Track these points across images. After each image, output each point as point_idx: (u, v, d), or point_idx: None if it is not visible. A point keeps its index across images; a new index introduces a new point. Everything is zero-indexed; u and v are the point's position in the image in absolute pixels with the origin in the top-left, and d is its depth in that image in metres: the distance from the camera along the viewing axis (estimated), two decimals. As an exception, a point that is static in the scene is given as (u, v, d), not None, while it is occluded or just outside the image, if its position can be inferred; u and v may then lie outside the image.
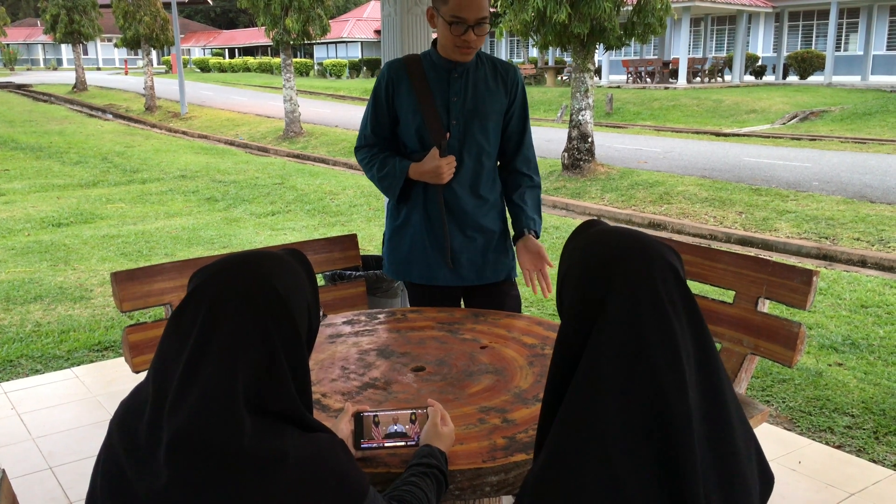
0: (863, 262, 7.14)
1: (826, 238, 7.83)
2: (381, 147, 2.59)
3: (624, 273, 1.10)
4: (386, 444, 1.54)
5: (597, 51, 11.30)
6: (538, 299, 5.30)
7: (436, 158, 2.47)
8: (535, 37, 11.34)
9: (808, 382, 3.89)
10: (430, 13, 2.46)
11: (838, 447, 3.24)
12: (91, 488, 1.21)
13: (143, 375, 3.72)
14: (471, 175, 2.56)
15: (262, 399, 1.12)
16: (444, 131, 2.50)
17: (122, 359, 4.17)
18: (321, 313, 1.38)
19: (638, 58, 30.93)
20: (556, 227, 8.07)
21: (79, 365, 4.15)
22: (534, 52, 35.40)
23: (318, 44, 45.69)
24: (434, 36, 2.66)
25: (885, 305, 5.27)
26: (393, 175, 2.54)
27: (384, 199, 4.23)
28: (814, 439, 3.30)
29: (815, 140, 15.45)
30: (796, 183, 10.39)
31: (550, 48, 11.87)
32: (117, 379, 3.87)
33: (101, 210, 9.26)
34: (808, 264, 6.95)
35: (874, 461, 3.10)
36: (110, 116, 24.44)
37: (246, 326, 1.12)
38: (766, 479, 1.12)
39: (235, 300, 1.14)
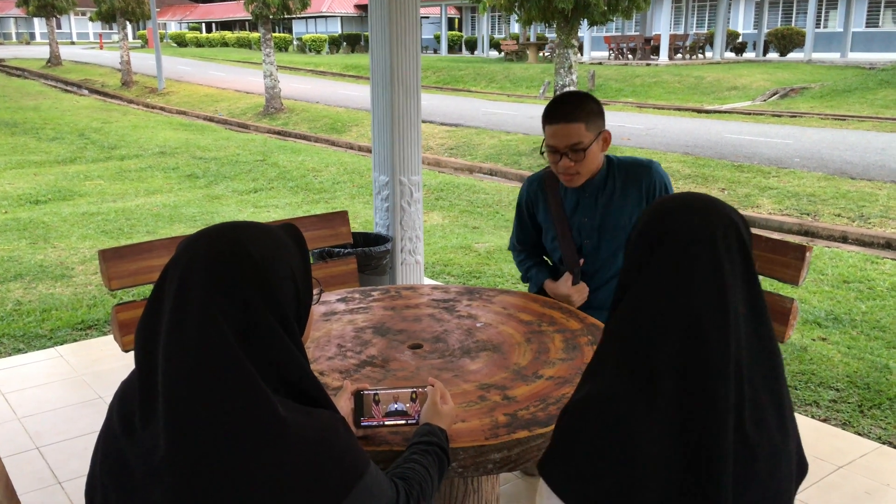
0: (844, 238, 7.21)
1: (808, 214, 7.90)
2: (528, 253, 2.75)
3: (684, 217, 1.12)
4: (386, 423, 1.52)
5: (580, 26, 11.24)
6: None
7: (568, 286, 2.53)
8: (518, 11, 11.26)
9: (793, 357, 3.93)
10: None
11: (824, 420, 3.27)
12: (91, 471, 1.18)
13: (132, 354, 3.66)
14: (607, 293, 2.54)
15: (257, 361, 1.09)
16: (578, 258, 2.54)
17: (107, 337, 4.13)
18: (319, 289, 1.35)
19: (620, 34, 30.87)
20: (540, 204, 8.06)
21: (62, 344, 4.09)
22: (515, 28, 35.19)
23: (297, 18, 45.07)
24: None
25: (866, 281, 5.33)
26: (531, 283, 2.72)
27: (371, 176, 4.21)
28: (800, 413, 3.33)
29: (795, 117, 15.53)
30: (778, 159, 10.45)
31: (533, 24, 11.78)
32: (102, 358, 3.83)
33: (80, 187, 9.12)
34: (790, 240, 7.01)
35: (860, 434, 3.14)
36: (86, 92, 24.00)
37: (217, 287, 1.09)
38: (800, 468, 1.13)
39: (206, 263, 1.11)
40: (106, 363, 3.75)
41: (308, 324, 1.28)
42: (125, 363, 3.72)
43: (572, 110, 2.33)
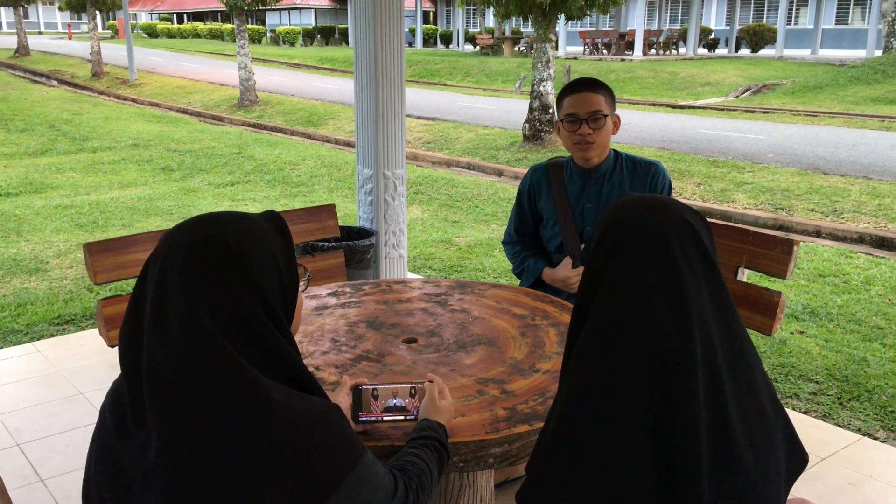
0: (818, 233, 7.31)
1: (782, 209, 7.99)
2: (525, 245, 2.78)
3: (635, 223, 1.11)
4: (385, 418, 1.51)
5: (557, 21, 11.26)
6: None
7: (568, 269, 2.58)
8: (496, 6, 11.25)
9: (773, 350, 3.98)
10: (558, 126, 2.61)
11: (805, 413, 3.32)
12: (86, 471, 1.16)
13: (117, 350, 3.58)
14: None
15: (242, 347, 1.08)
16: (579, 242, 2.59)
17: (86, 332, 4.07)
18: (307, 277, 1.34)
19: (594, 29, 31.00)
20: (519, 198, 8.08)
21: (39, 339, 4.02)
22: (490, 22, 35.19)
23: (271, 10, 44.73)
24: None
25: (841, 275, 5.41)
26: (527, 275, 2.72)
27: (349, 169, 4.19)
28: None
29: (768, 112, 15.72)
30: (752, 155, 10.56)
31: (505, 18, 11.78)
32: (81, 353, 3.77)
33: (52, 179, 8.97)
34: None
35: (839, 426, 3.19)
36: (55, 82, 23.58)
37: (198, 277, 1.08)
38: (797, 457, 1.13)
39: (185, 253, 1.10)
40: (85, 358, 3.69)
41: (297, 313, 1.26)
42: (105, 358, 3.67)
43: (595, 84, 2.54)
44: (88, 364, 3.63)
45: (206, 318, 1.06)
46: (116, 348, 2.42)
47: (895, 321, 4.46)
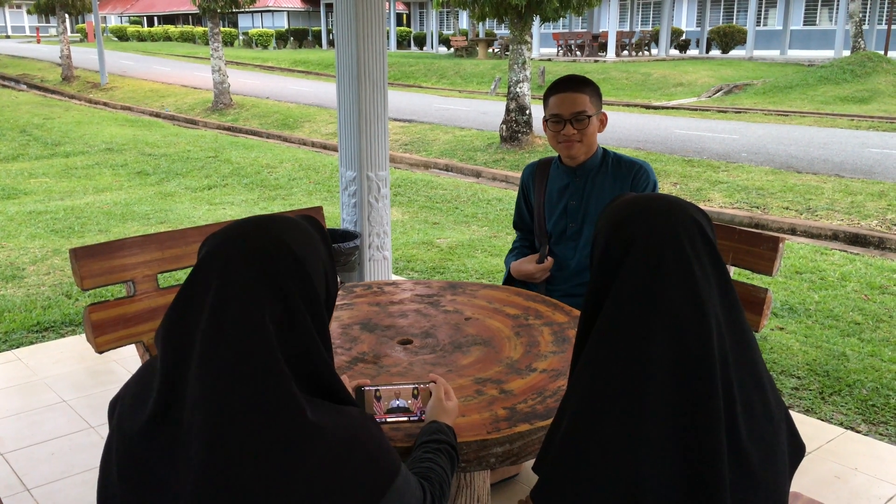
0: (793, 231, 7.42)
1: (757, 207, 8.10)
2: (523, 237, 2.88)
3: (647, 223, 1.12)
4: (388, 419, 1.51)
5: (533, 23, 11.32)
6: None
7: (532, 264, 2.67)
8: (472, 8, 11.28)
9: (754, 347, 4.03)
10: (544, 123, 2.62)
11: (788, 408, 3.36)
12: (104, 478, 1.14)
13: (107, 356, 3.53)
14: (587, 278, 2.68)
15: (292, 362, 1.07)
16: (546, 238, 2.70)
17: (66, 340, 4.02)
18: (338, 280, 1.34)
19: (567, 31, 31.19)
20: (498, 200, 8.11)
21: (18, 347, 3.95)
22: (464, 24, 35.26)
23: (243, 13, 44.44)
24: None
25: (817, 272, 5.49)
26: (506, 268, 2.81)
27: (328, 172, 4.17)
28: (765, 401, 3.42)
29: (740, 112, 15.92)
30: (726, 154, 10.69)
31: (481, 20, 11.82)
32: (62, 360, 3.71)
33: (24, 185, 8.83)
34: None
35: (823, 420, 3.23)
36: (24, 87, 23.24)
37: (263, 284, 1.07)
38: (796, 447, 1.15)
39: (249, 260, 1.08)
40: (67, 365, 3.64)
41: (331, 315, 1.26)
42: (87, 365, 3.62)
43: (580, 83, 2.53)
44: (70, 371, 3.58)
45: (269, 327, 1.05)
46: (104, 354, 2.38)
47: (872, 316, 4.55)
